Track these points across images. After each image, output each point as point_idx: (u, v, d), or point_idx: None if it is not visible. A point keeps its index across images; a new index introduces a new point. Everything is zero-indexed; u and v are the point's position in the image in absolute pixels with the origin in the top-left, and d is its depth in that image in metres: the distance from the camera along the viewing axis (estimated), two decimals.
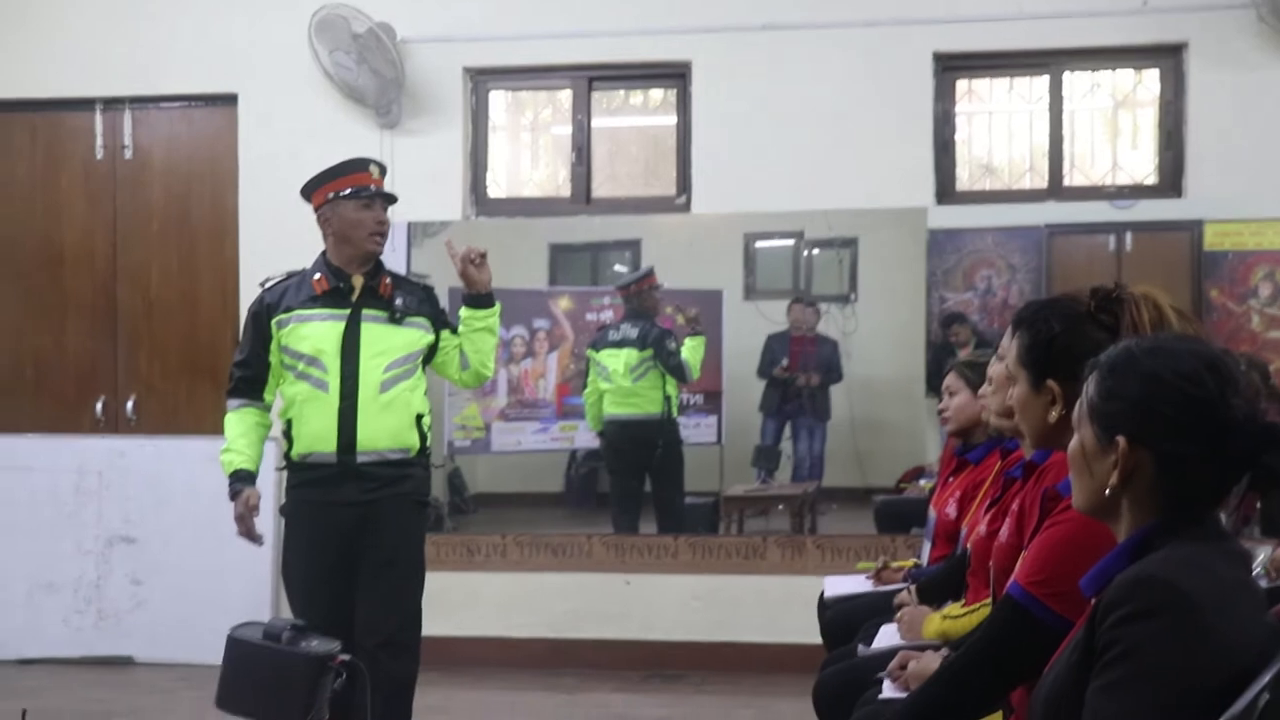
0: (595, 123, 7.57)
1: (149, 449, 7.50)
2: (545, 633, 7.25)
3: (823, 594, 5.31)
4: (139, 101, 7.73)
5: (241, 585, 7.25)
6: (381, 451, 4.76)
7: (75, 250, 7.82)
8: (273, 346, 4.82)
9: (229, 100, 7.59)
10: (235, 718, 3.47)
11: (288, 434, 4.86)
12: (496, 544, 7.28)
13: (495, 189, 7.65)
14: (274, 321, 4.81)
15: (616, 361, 7.41)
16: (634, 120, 7.97)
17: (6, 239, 7.87)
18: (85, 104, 7.76)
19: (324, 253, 4.88)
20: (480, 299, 4.94)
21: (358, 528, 4.76)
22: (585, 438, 7.62)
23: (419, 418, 4.85)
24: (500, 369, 7.44)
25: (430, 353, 4.95)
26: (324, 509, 4.76)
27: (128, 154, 7.75)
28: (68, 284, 7.82)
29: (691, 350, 7.36)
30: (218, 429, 7.41)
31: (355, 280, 4.82)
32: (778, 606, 6.99)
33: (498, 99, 7.70)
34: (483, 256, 4.92)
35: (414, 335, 4.84)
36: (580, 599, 7.27)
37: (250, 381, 4.89)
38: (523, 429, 7.57)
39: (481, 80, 7.55)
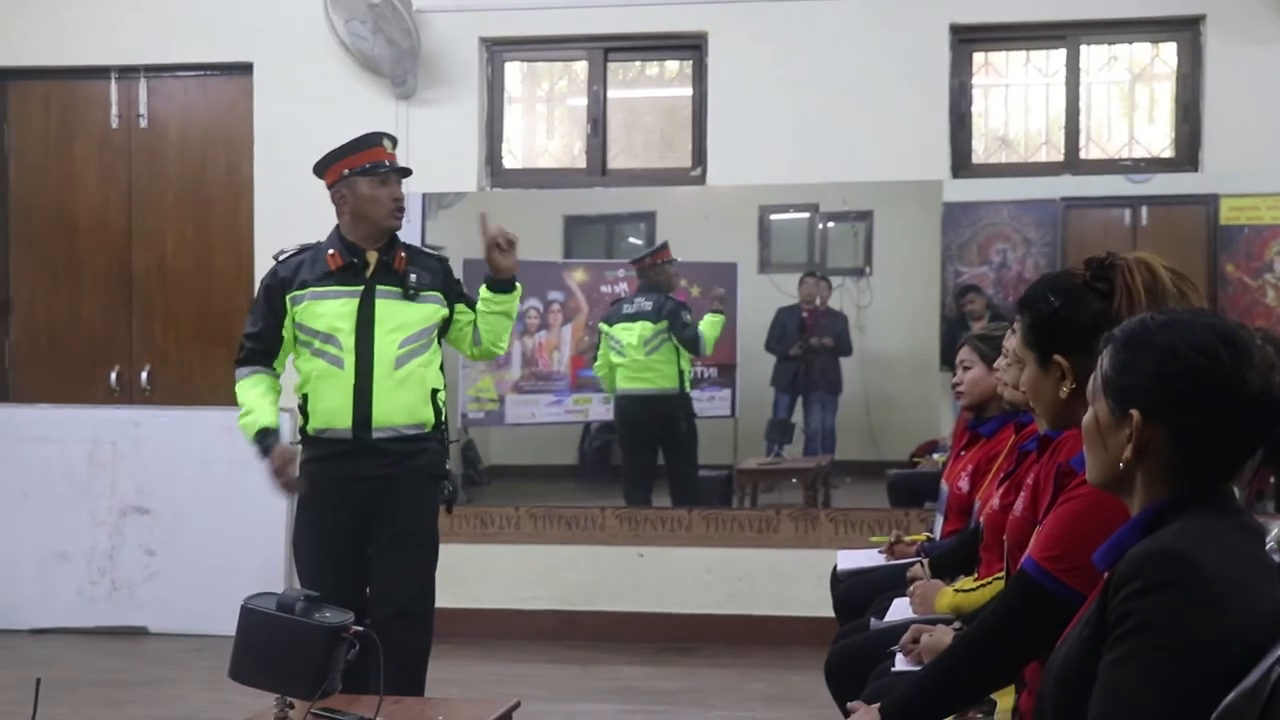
0: (611, 94, 7.55)
1: (163, 419, 7.52)
2: (558, 605, 7.27)
3: (835, 567, 5.31)
4: (154, 70, 7.73)
5: (255, 556, 7.28)
6: (397, 427, 4.76)
7: (90, 220, 7.82)
8: (286, 322, 4.81)
9: (244, 69, 7.58)
10: (249, 688, 3.48)
11: (304, 409, 4.85)
12: (510, 516, 7.29)
13: (510, 160, 7.64)
14: (288, 297, 4.80)
15: (630, 335, 7.40)
16: (650, 92, 7.95)
17: (22, 208, 7.88)
18: (100, 72, 7.76)
19: (337, 228, 4.86)
20: (502, 284, 4.91)
21: (372, 502, 4.76)
22: (599, 410, 7.62)
23: (434, 392, 4.84)
24: (515, 341, 7.44)
25: (445, 326, 4.94)
26: (339, 483, 4.75)
27: (143, 123, 7.75)
28: (82, 253, 7.83)
29: (710, 325, 7.35)
30: (232, 399, 7.43)
31: (370, 256, 4.79)
32: (791, 580, 6.99)
33: (513, 70, 7.68)
34: (511, 243, 4.89)
35: (428, 310, 4.83)
36: (593, 571, 7.28)
37: (262, 354, 4.89)
38: (537, 401, 7.58)
39: (497, 51, 7.53)
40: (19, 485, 7.50)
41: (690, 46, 7.43)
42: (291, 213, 7.23)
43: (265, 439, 4.77)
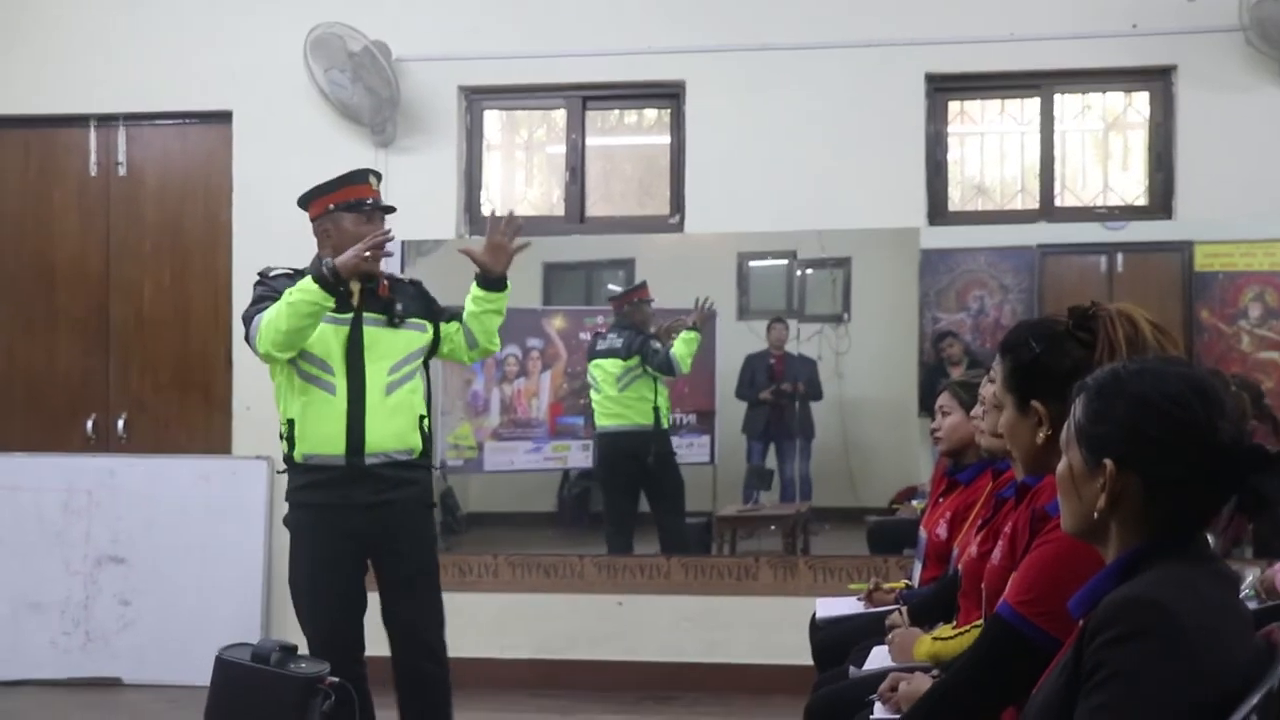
0: (589, 142, 7.58)
1: (139, 468, 7.48)
2: (537, 654, 7.23)
3: (814, 615, 5.30)
4: (133, 118, 7.73)
5: (231, 606, 7.24)
6: (389, 453, 4.80)
7: (68, 266, 7.81)
8: None
9: (224, 118, 7.59)
10: None
11: (289, 436, 4.83)
12: (488, 564, 7.26)
13: (489, 207, 7.65)
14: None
15: (602, 371, 7.41)
16: (628, 140, 7.98)
17: (0, 255, 7.86)
18: (80, 120, 7.75)
19: (320, 259, 4.85)
20: (494, 282, 4.96)
21: (368, 530, 4.79)
22: (578, 457, 7.61)
23: (421, 419, 4.90)
24: (493, 388, 7.45)
25: (433, 347, 4.99)
26: (333, 511, 4.77)
27: (122, 170, 7.75)
28: (60, 300, 7.81)
29: (684, 343, 7.29)
30: (209, 447, 7.52)
31: (353, 284, 4.81)
32: (770, 627, 6.97)
33: (492, 118, 7.70)
34: (516, 231, 4.96)
35: (414, 336, 4.89)
36: (572, 620, 7.25)
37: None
38: (515, 448, 7.56)
39: (476, 99, 7.56)
40: None
41: (668, 95, 7.46)
42: (270, 260, 7.22)
43: (319, 267, 4.69)
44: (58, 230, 7.82)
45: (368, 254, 4.68)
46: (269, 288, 4.85)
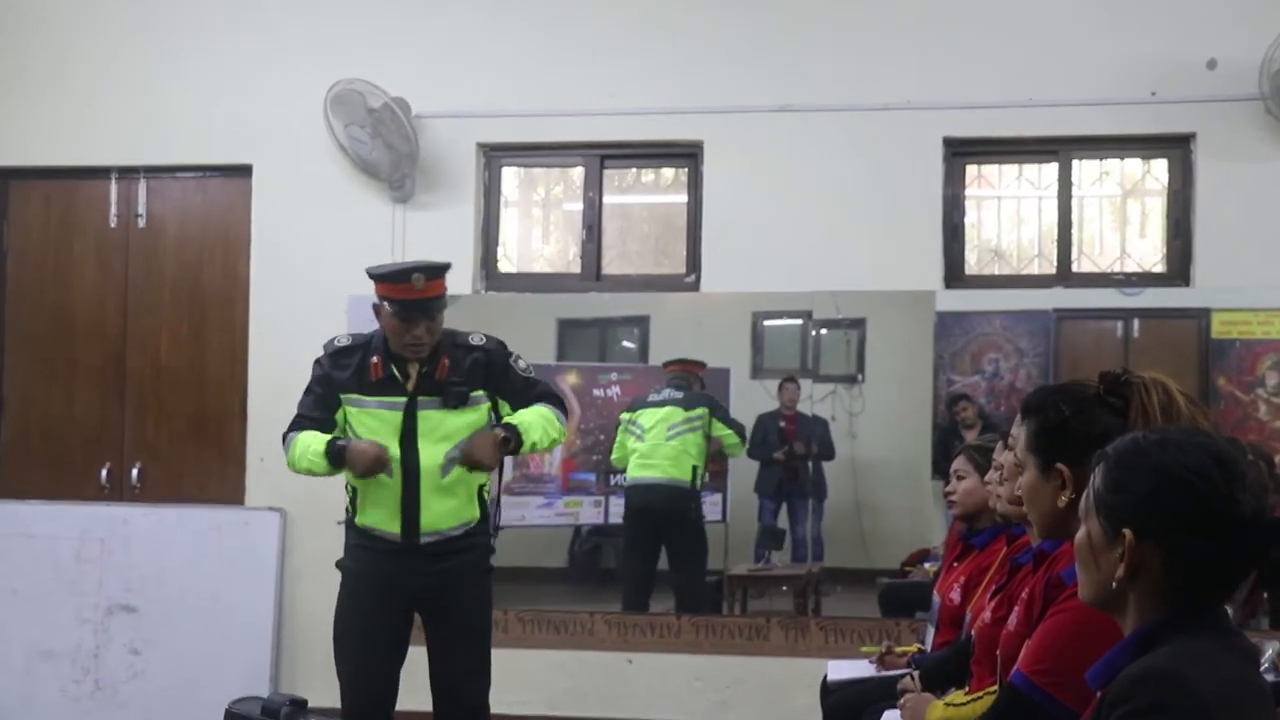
0: (606, 200, 7.61)
1: (152, 517, 7.48)
2: (546, 710, 7.19)
3: (826, 677, 5.28)
4: (154, 171, 7.77)
5: (241, 658, 7.22)
6: (443, 531, 4.84)
7: (86, 316, 7.83)
8: (339, 415, 4.86)
9: (243, 171, 7.64)
10: None
11: (352, 501, 4.88)
12: (499, 619, 7.16)
13: (506, 264, 7.68)
14: (340, 395, 4.86)
15: (653, 419, 7.36)
16: (645, 198, 8.01)
17: (19, 305, 7.90)
18: (101, 173, 7.80)
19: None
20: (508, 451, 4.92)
21: (421, 594, 4.83)
22: (590, 514, 7.59)
23: (480, 489, 4.92)
24: None
25: (496, 418, 4.95)
26: (386, 575, 4.82)
27: (141, 222, 7.79)
28: (78, 350, 7.84)
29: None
30: (221, 498, 7.52)
31: (410, 368, 4.83)
32: (780, 689, 6.93)
33: (510, 175, 7.74)
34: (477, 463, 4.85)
35: (472, 417, 4.87)
36: (582, 677, 7.22)
37: (317, 426, 4.88)
38: (527, 504, 7.55)
39: (495, 156, 7.60)
40: (6, 582, 7.44)
41: (686, 155, 7.49)
42: (287, 313, 7.30)
43: (334, 444, 4.73)
44: (77, 280, 7.86)
45: (375, 461, 4.71)
46: (318, 379, 4.88)
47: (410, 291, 4.79)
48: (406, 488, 4.77)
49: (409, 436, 4.78)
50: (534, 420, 4.89)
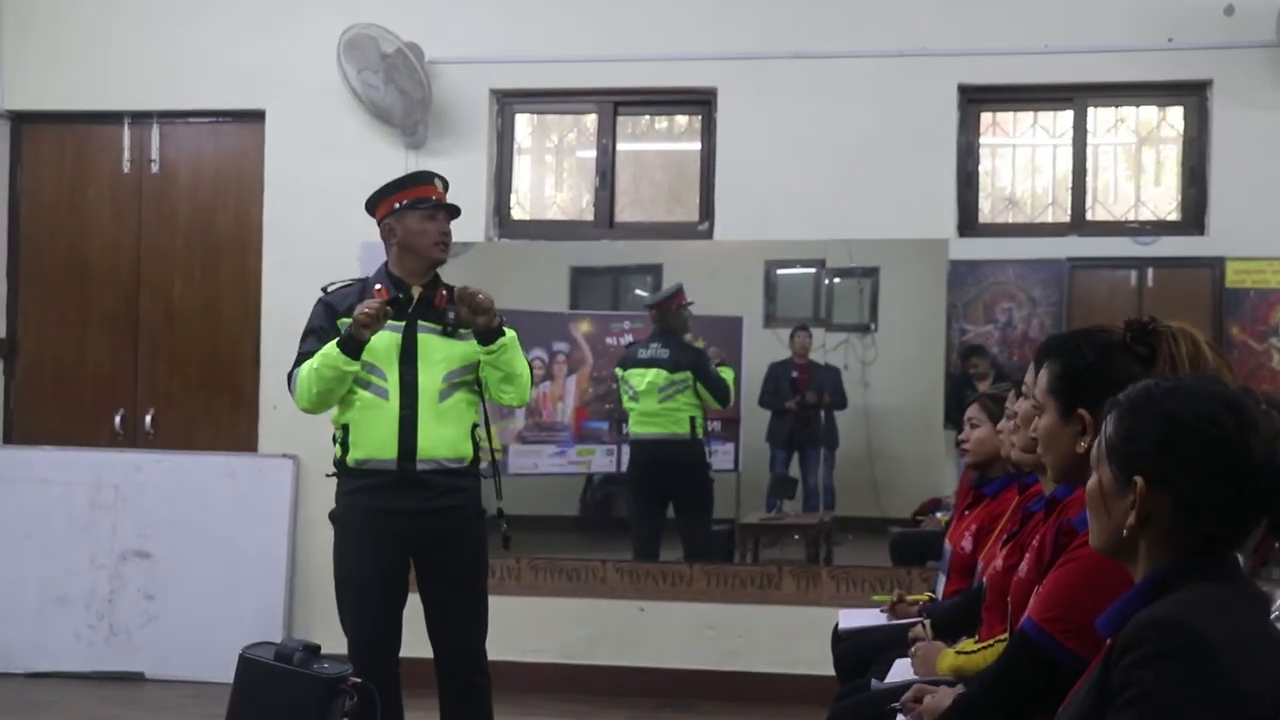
0: (620, 147, 7.59)
1: (166, 464, 7.51)
2: (559, 658, 7.23)
3: (837, 626, 5.29)
4: (167, 116, 7.77)
5: (255, 603, 7.26)
6: (439, 460, 4.84)
7: (99, 262, 7.85)
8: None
9: (256, 117, 7.62)
10: None
11: (344, 441, 4.88)
12: (511, 567, 7.25)
13: (519, 211, 7.66)
14: (339, 322, 4.86)
15: (643, 381, 7.39)
16: (658, 145, 7.99)
17: (32, 250, 7.91)
18: (114, 118, 7.80)
19: (386, 264, 4.97)
20: (484, 335, 4.87)
21: (416, 536, 4.84)
22: (602, 462, 7.61)
23: (474, 428, 4.94)
24: None
25: None
26: (381, 516, 4.82)
27: (154, 168, 7.79)
28: (91, 296, 7.85)
29: (727, 375, 7.37)
30: (235, 444, 7.55)
31: (414, 291, 4.90)
32: (791, 637, 6.96)
33: (523, 121, 7.71)
34: (473, 297, 4.81)
35: (468, 348, 4.89)
36: (594, 625, 7.25)
37: None
38: (540, 452, 7.56)
39: (507, 102, 7.57)
40: (21, 527, 7.49)
41: (700, 102, 7.46)
42: (300, 259, 7.28)
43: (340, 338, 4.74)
44: (90, 226, 7.86)
45: (369, 311, 4.68)
46: (320, 315, 4.91)
47: (433, 191, 4.96)
48: (405, 409, 4.79)
49: (408, 358, 4.82)
50: (520, 354, 4.94)
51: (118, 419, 7.76)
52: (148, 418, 7.75)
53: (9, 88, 7.76)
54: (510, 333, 4.93)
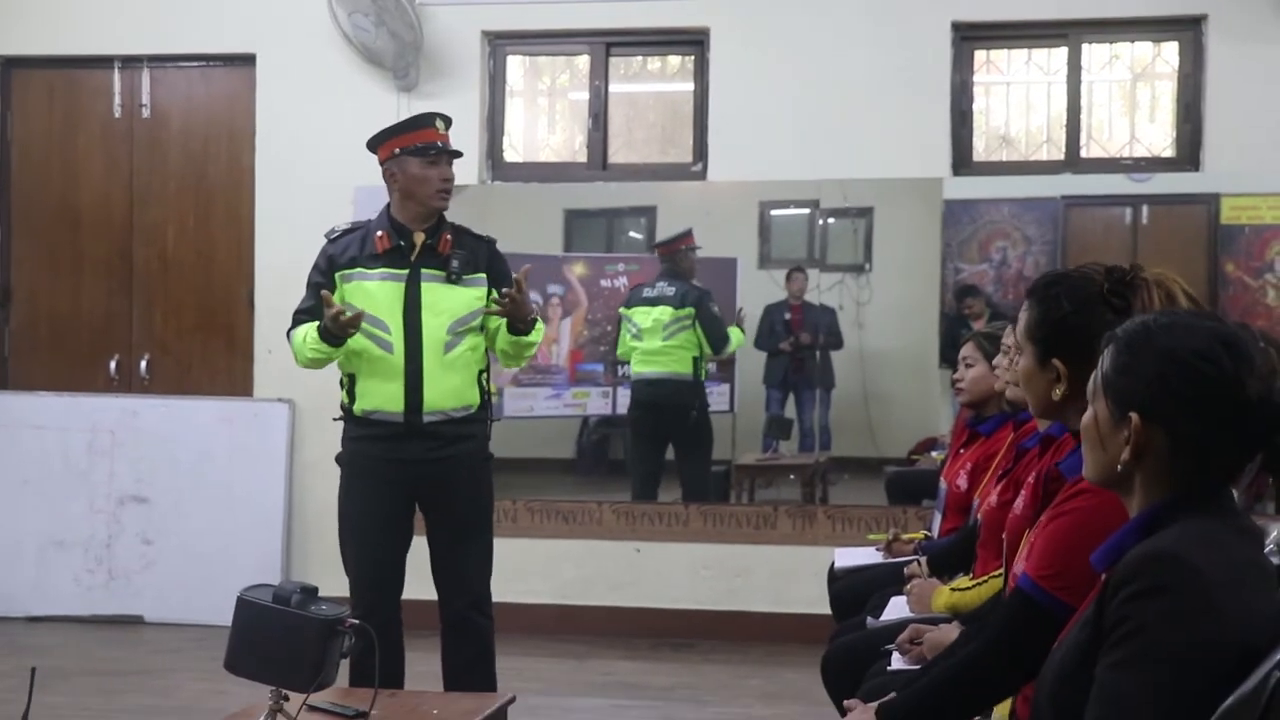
0: (612, 88, 7.55)
1: (162, 409, 7.52)
2: (555, 599, 7.27)
3: (833, 565, 5.31)
4: (157, 60, 7.72)
5: (252, 547, 7.29)
6: (446, 410, 4.80)
7: (92, 209, 7.82)
8: (337, 296, 4.77)
9: (247, 60, 7.58)
10: (244, 679, 3.48)
11: (349, 390, 4.85)
12: (507, 509, 7.27)
13: (511, 154, 7.63)
14: (338, 274, 4.82)
15: (648, 318, 7.37)
16: (651, 86, 7.95)
17: (24, 197, 7.88)
18: (104, 62, 7.74)
19: (388, 206, 4.89)
20: (516, 326, 4.84)
21: (424, 483, 4.82)
22: (598, 404, 7.62)
23: (480, 374, 4.90)
24: None
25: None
26: (387, 463, 4.80)
27: (145, 113, 7.75)
28: (84, 242, 7.83)
29: (735, 335, 7.37)
30: (231, 389, 7.55)
31: (416, 237, 4.82)
32: (787, 576, 7.00)
33: (515, 63, 7.67)
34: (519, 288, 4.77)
35: (472, 294, 4.84)
36: (590, 566, 7.28)
37: (314, 318, 4.83)
38: (535, 395, 7.57)
39: (499, 44, 7.53)
40: (18, 473, 7.51)
41: (692, 42, 7.42)
42: (293, 204, 7.27)
43: (322, 323, 4.68)
44: (82, 172, 7.83)
45: (339, 330, 4.62)
46: (319, 267, 4.85)
47: (435, 135, 4.87)
48: (410, 361, 4.74)
49: (412, 308, 4.76)
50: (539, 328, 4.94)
51: (113, 365, 7.77)
52: (143, 363, 7.75)
53: None
54: (541, 327, 4.91)
